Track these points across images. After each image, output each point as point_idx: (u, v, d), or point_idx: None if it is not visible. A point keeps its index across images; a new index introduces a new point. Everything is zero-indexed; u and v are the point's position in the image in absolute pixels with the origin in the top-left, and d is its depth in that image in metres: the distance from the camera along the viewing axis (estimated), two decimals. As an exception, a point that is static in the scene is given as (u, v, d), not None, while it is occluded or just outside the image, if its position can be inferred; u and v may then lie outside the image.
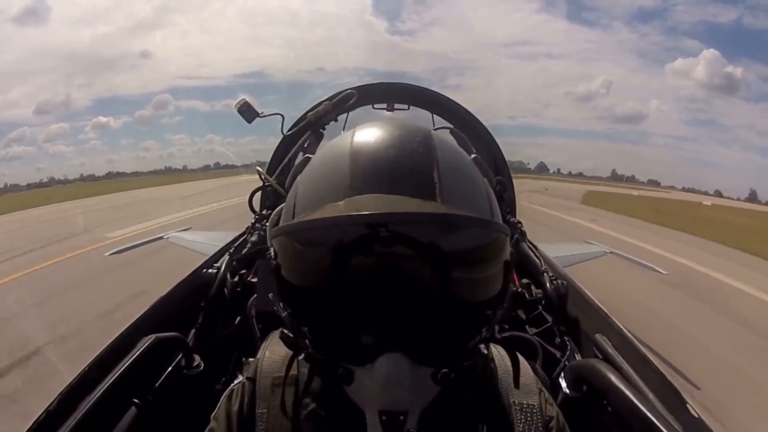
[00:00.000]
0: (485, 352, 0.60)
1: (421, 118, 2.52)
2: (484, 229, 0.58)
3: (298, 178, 0.65)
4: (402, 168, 0.56)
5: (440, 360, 0.56)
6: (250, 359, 0.79)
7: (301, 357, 0.60)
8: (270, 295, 0.61)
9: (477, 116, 2.47)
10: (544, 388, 0.74)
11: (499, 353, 0.74)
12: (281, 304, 0.60)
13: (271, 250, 0.61)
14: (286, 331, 0.62)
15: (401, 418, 0.53)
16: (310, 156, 0.68)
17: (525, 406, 0.70)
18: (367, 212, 0.52)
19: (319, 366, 0.58)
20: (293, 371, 0.66)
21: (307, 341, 0.58)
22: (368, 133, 0.61)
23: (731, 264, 9.54)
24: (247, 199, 2.09)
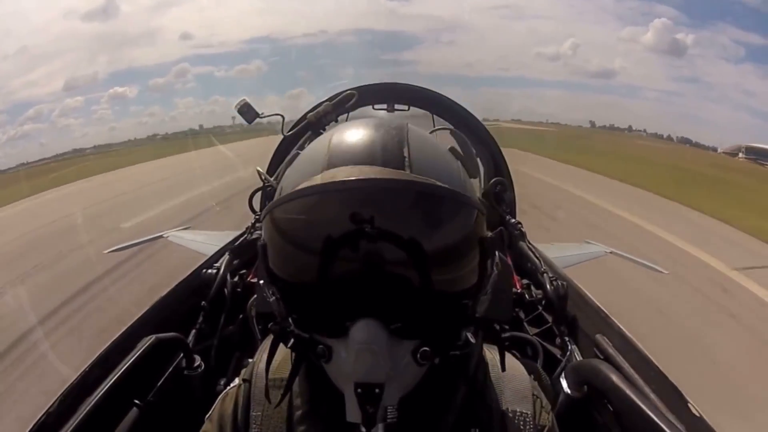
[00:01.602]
0: (472, 341, 0.59)
1: (421, 118, 2.52)
2: (453, 199, 0.58)
3: (286, 170, 0.67)
4: (374, 145, 0.59)
5: (419, 334, 0.55)
6: (251, 359, 0.78)
7: (289, 345, 0.59)
8: (260, 282, 0.62)
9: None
10: (542, 395, 0.73)
11: (494, 357, 0.73)
12: (270, 291, 0.61)
13: (261, 237, 0.63)
14: (275, 325, 0.62)
15: (377, 390, 0.52)
16: (300, 152, 0.69)
17: (518, 413, 0.69)
18: (339, 179, 0.54)
19: (302, 345, 0.58)
20: (286, 374, 0.66)
21: (290, 320, 0.59)
22: (349, 125, 0.65)
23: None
24: None
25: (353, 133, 0.61)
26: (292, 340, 0.59)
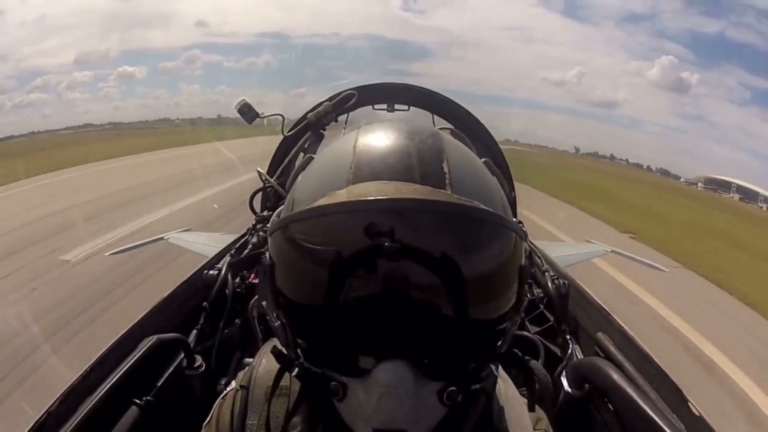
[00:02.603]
0: (497, 374, 0.55)
1: (421, 118, 2.51)
2: (499, 225, 0.51)
3: (299, 176, 0.60)
4: (409, 157, 0.51)
5: (448, 375, 0.50)
6: (251, 360, 0.78)
7: (294, 373, 0.54)
8: (264, 303, 0.57)
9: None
10: (544, 418, 0.69)
11: (498, 387, 0.67)
12: (274, 314, 0.55)
13: (267, 254, 0.56)
14: (278, 346, 0.58)
15: None
16: (313, 156, 0.63)
17: None
18: (371, 198, 0.47)
19: (311, 380, 0.52)
20: (285, 382, 0.63)
21: (299, 351, 0.53)
22: (374, 128, 0.57)
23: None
24: None
25: (382, 139, 0.54)
26: (297, 369, 0.54)
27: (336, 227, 0.49)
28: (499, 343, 0.54)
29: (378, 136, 0.55)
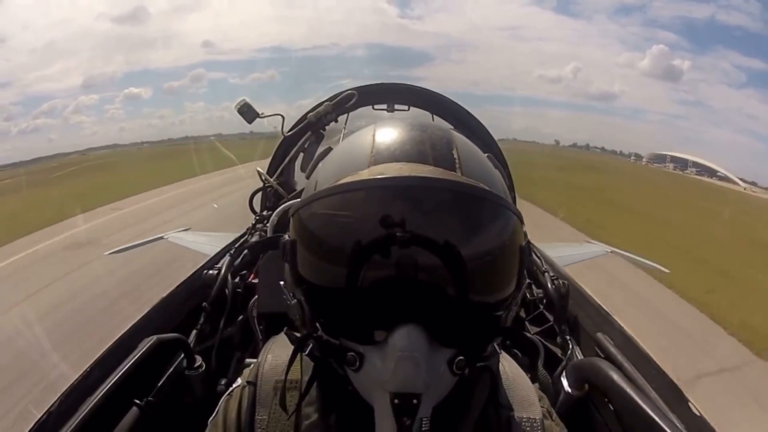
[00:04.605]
0: (499, 351, 0.58)
1: (421, 118, 2.51)
2: (503, 206, 0.56)
3: (319, 164, 0.63)
4: (423, 144, 0.56)
5: (459, 342, 0.53)
6: (251, 360, 0.77)
7: (306, 352, 0.56)
8: (281, 282, 0.60)
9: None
10: (545, 397, 0.72)
11: (502, 366, 0.72)
12: (291, 293, 0.57)
13: (286, 235, 0.59)
14: (290, 330, 0.60)
15: (414, 401, 0.49)
16: (332, 147, 0.66)
17: (527, 420, 0.67)
18: (391, 175, 0.52)
19: (328, 352, 0.55)
20: (295, 375, 0.64)
21: (317, 324, 0.55)
22: (391, 122, 0.63)
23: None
24: None
25: (398, 130, 0.59)
26: (310, 347, 0.56)
27: (359, 202, 0.53)
28: (503, 315, 0.57)
29: (395, 128, 0.60)
